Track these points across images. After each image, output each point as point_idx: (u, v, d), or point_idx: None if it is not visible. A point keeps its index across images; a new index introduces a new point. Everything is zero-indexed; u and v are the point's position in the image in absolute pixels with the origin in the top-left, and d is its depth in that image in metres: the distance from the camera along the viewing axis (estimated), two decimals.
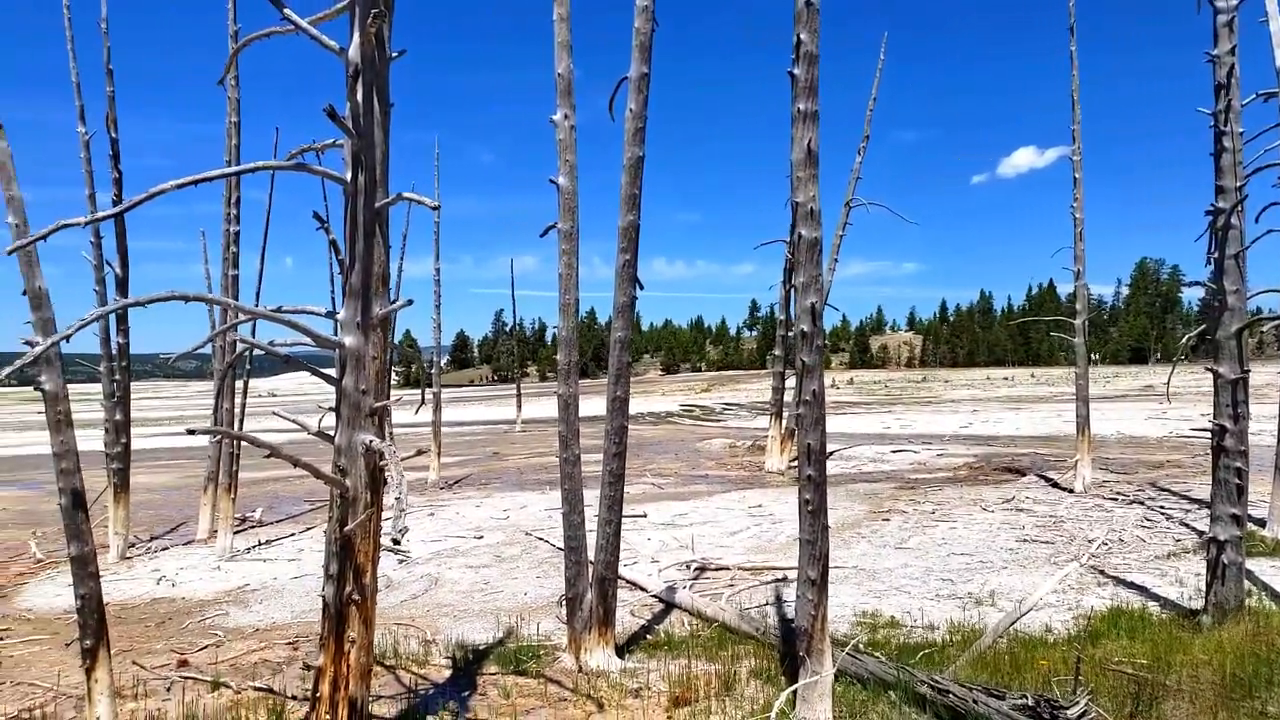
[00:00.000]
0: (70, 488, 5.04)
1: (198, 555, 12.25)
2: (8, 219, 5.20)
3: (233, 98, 12.66)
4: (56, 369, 5.12)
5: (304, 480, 20.66)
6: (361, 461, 5.01)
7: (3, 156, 5.20)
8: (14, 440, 41.91)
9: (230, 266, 12.67)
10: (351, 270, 5.03)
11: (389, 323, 5.30)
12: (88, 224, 4.67)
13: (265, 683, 6.84)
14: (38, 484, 22.63)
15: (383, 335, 5.17)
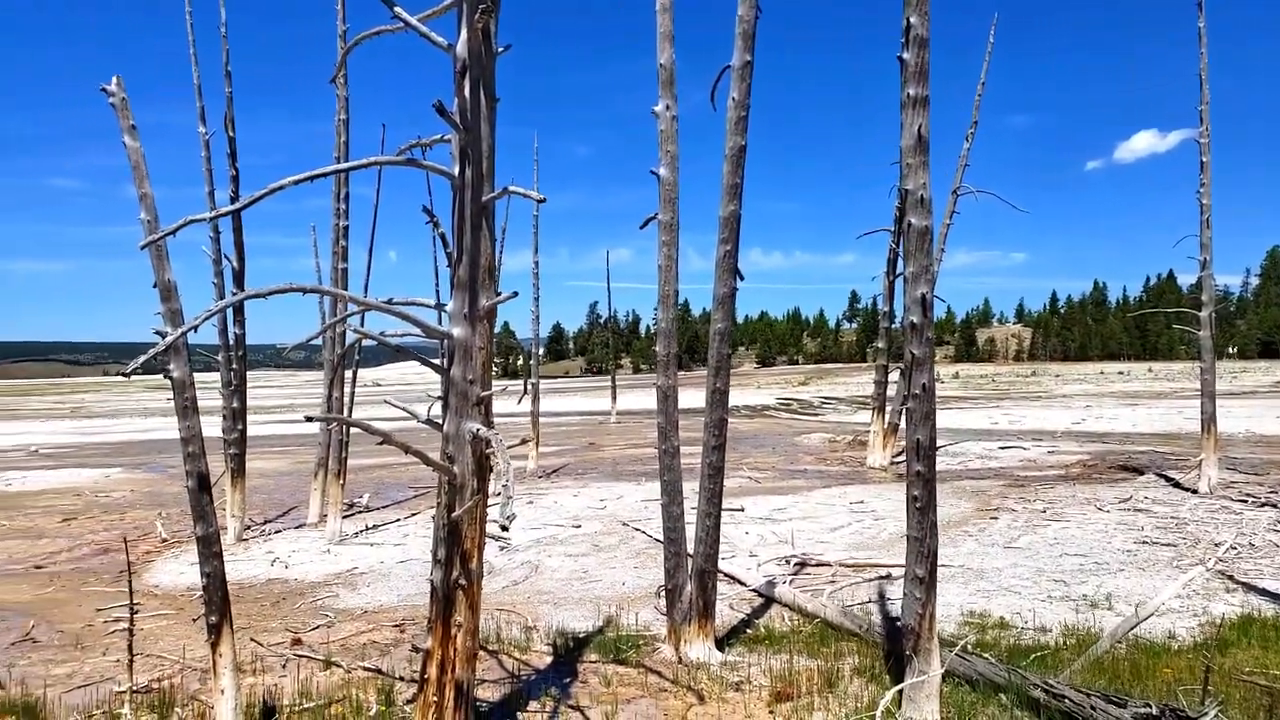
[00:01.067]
0: (196, 471, 5.28)
1: (309, 539, 12.72)
2: (140, 215, 5.47)
3: (341, 95, 13.06)
4: (184, 358, 5.36)
5: (408, 467, 21.25)
6: (469, 449, 5.11)
7: (135, 157, 5.47)
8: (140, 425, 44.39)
9: (340, 260, 13.10)
10: (459, 263, 5.12)
11: (494, 314, 5.38)
12: (213, 219, 4.89)
13: (374, 663, 7.06)
14: (161, 467, 23.92)
15: (489, 327, 5.25)
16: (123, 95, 5.46)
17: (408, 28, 5.16)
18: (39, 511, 16.16)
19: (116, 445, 32.14)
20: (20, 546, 12.79)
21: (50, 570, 11.17)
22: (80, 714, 6.10)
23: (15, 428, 43.62)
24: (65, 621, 8.74)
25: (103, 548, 12.54)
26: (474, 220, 5.05)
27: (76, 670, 7.23)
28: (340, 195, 13.13)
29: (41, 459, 27.24)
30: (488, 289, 5.19)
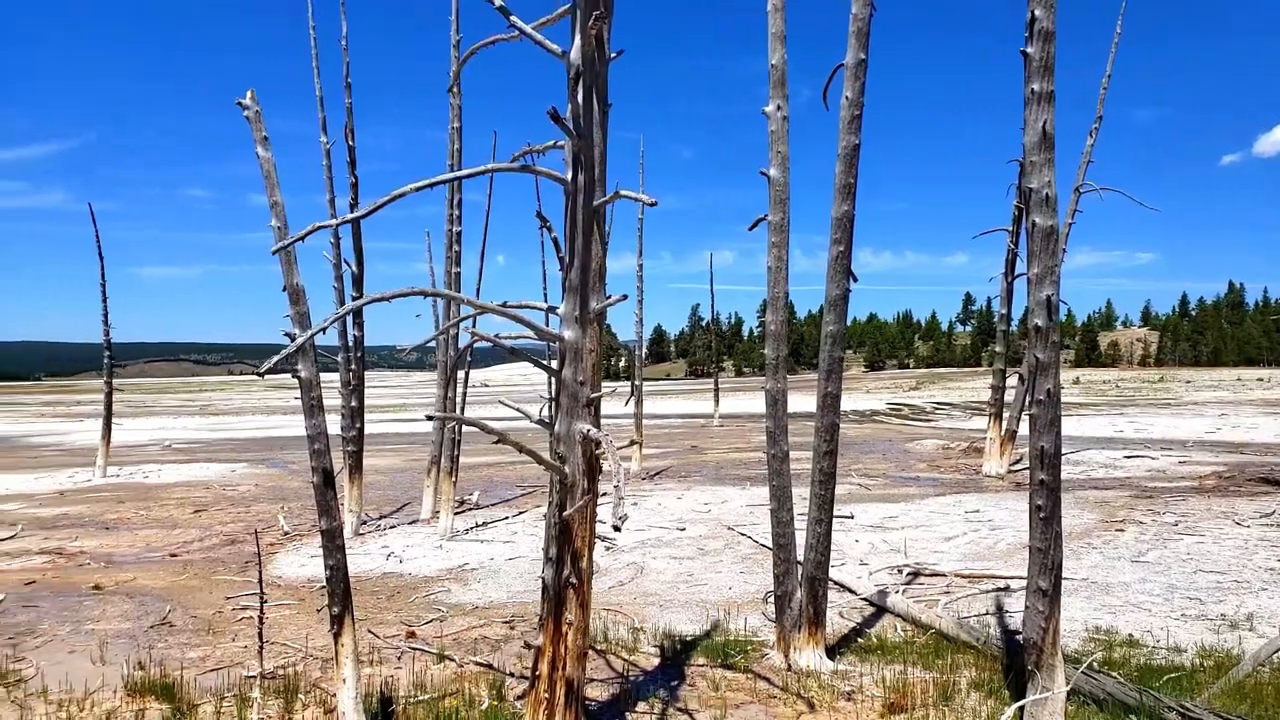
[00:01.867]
0: (321, 467, 5.49)
1: (421, 534, 13.09)
2: (271, 222, 5.73)
3: (455, 104, 13.42)
4: (311, 358, 5.59)
5: (515, 466, 21.66)
6: (579, 449, 5.17)
7: (267, 167, 5.74)
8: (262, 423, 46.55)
9: (453, 264, 13.45)
10: (571, 267, 5.19)
11: (604, 317, 5.44)
12: (339, 225, 5.09)
13: (485, 658, 7.21)
14: (282, 463, 25.00)
15: (599, 329, 5.30)
16: (256, 108, 5.73)
17: (523, 36, 5.27)
18: (173, 503, 17.13)
19: (241, 442, 33.78)
20: (157, 536, 13.57)
21: (184, 559, 11.81)
22: (213, 696, 6.42)
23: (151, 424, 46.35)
24: (198, 608, 9.22)
25: (230, 539, 13.19)
26: (586, 225, 5.11)
27: (209, 654, 7.61)
28: (454, 201, 13.48)
29: (174, 454, 28.86)
30: (598, 292, 5.25)
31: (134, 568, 11.28)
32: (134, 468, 23.83)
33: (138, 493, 18.85)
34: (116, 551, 12.38)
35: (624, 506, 4.43)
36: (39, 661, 7.43)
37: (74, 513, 16.02)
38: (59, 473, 23.11)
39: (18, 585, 10.30)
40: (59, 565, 11.52)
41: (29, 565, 11.50)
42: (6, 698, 6.52)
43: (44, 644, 7.99)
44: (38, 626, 8.55)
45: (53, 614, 9.01)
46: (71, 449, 31.74)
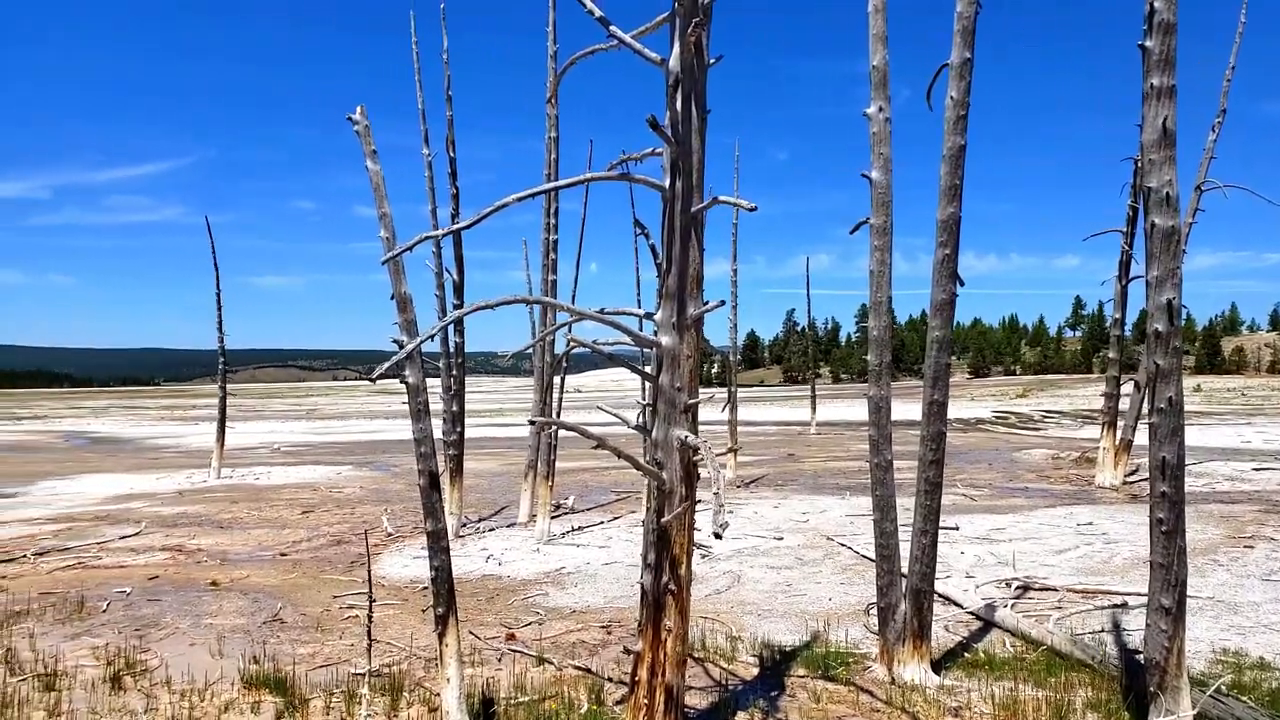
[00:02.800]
0: (428, 470, 5.61)
1: (519, 537, 13.27)
2: (380, 233, 5.90)
3: (552, 114, 13.60)
4: (418, 364, 5.73)
5: (609, 471, 21.78)
6: (677, 456, 5.16)
7: (376, 179, 5.91)
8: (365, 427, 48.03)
9: (549, 272, 13.63)
10: (668, 273, 5.19)
11: (702, 323, 5.42)
12: (445, 234, 5.20)
13: (584, 662, 7.26)
14: (385, 466, 25.73)
15: (696, 335, 5.29)
16: (365, 123, 5.91)
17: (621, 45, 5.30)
18: (283, 504, 17.80)
19: (345, 445, 34.91)
20: (268, 535, 14.11)
21: (293, 558, 12.25)
22: (323, 691, 6.62)
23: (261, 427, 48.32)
24: (307, 606, 9.54)
25: (336, 539, 13.62)
26: (684, 231, 5.11)
27: (318, 651, 7.86)
28: (550, 211, 13.66)
29: (283, 456, 30.02)
30: (695, 298, 5.24)
31: (247, 565, 11.75)
32: (246, 469, 24.87)
33: (249, 493, 19.67)
34: (231, 550, 12.92)
35: (725, 514, 4.40)
36: (163, 653, 7.80)
37: (192, 512, 16.80)
38: (178, 473, 24.29)
39: (143, 580, 10.85)
40: (179, 562, 12.09)
41: (152, 561, 12.10)
42: (134, 687, 6.87)
43: (167, 636, 8.39)
44: (161, 619, 8.98)
45: (174, 608, 9.45)
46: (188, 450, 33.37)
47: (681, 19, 5.01)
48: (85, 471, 25.71)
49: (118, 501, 18.63)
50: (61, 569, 11.62)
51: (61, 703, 6.47)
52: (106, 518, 16.21)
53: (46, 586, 10.49)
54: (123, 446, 37.16)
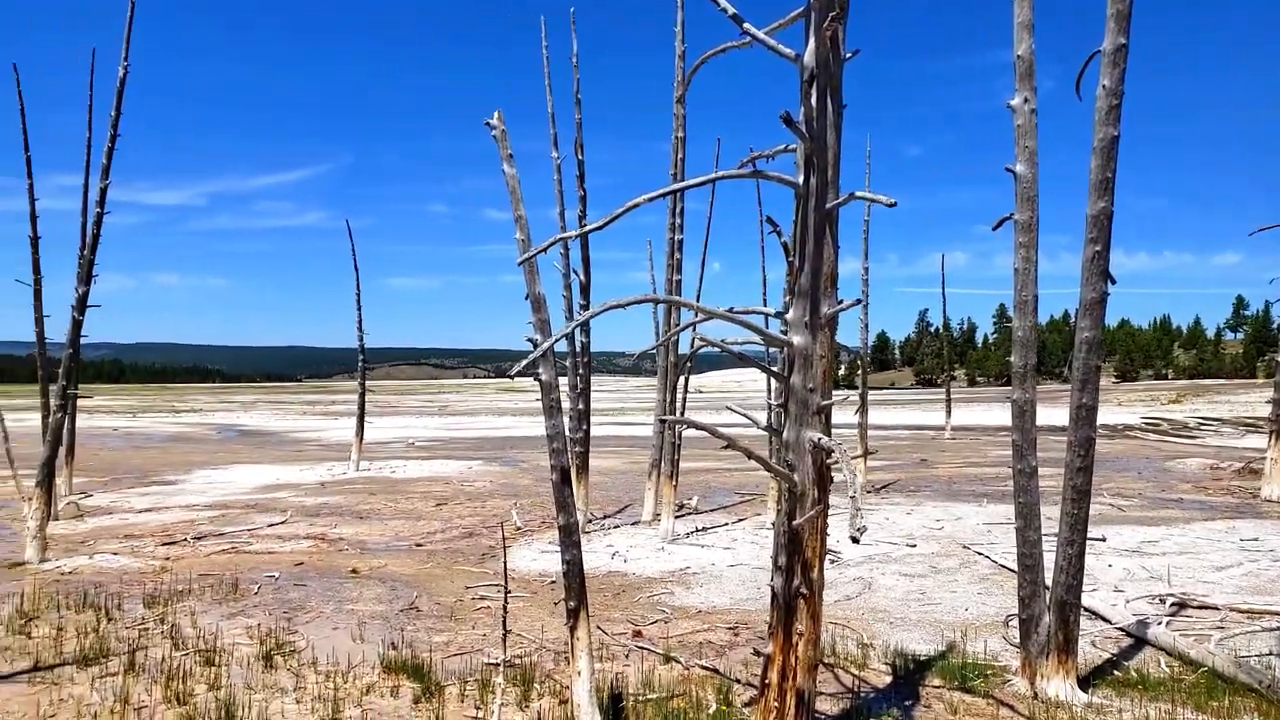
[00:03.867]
0: (560, 465, 5.71)
1: (643, 535, 13.36)
2: (516, 235, 6.04)
3: (679, 114, 13.62)
4: (550, 362, 5.83)
5: (732, 473, 21.67)
6: (809, 458, 5.08)
7: (513, 183, 6.05)
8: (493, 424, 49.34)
9: (674, 272, 13.66)
10: (800, 271, 5.12)
11: (835, 323, 5.32)
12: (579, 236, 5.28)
13: (711, 663, 7.24)
14: (513, 461, 26.35)
15: (830, 335, 5.19)
16: (502, 128, 6.05)
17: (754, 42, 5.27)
18: (418, 496, 18.47)
19: (475, 441, 35.95)
20: (405, 526, 14.67)
21: (428, 548, 12.68)
22: (458, 679, 6.83)
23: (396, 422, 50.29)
24: (441, 595, 9.85)
25: (468, 531, 14.04)
26: (818, 228, 5.03)
27: (452, 639, 8.11)
28: (675, 210, 13.68)
29: (417, 451, 31.15)
30: (829, 297, 5.14)
31: (385, 555, 12.24)
32: (382, 463, 25.93)
33: (386, 486, 20.50)
34: (369, 539, 13.49)
35: (862, 518, 4.30)
36: (309, 635, 8.21)
37: (332, 502, 17.64)
38: (319, 465, 25.54)
39: (289, 566, 11.44)
40: (322, 549, 12.70)
41: (298, 549, 12.75)
42: (284, 665, 7.25)
43: (312, 620, 8.82)
44: (306, 603, 9.46)
45: (318, 593, 9.93)
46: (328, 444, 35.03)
47: (817, 13, 4.94)
48: (236, 462, 27.36)
49: (265, 491, 19.74)
50: (217, 553, 12.39)
51: (220, 677, 6.89)
52: (256, 506, 17.20)
53: (204, 569, 11.20)
54: (269, 439, 39.35)
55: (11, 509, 15.68)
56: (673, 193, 5.21)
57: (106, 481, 21.51)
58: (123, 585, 10.13)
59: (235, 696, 6.35)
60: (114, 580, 10.44)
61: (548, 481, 20.94)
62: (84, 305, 12.78)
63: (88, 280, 12.80)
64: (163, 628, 8.33)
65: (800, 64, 5.09)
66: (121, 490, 19.90)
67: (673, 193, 5.21)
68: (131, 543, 13.11)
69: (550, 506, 16.27)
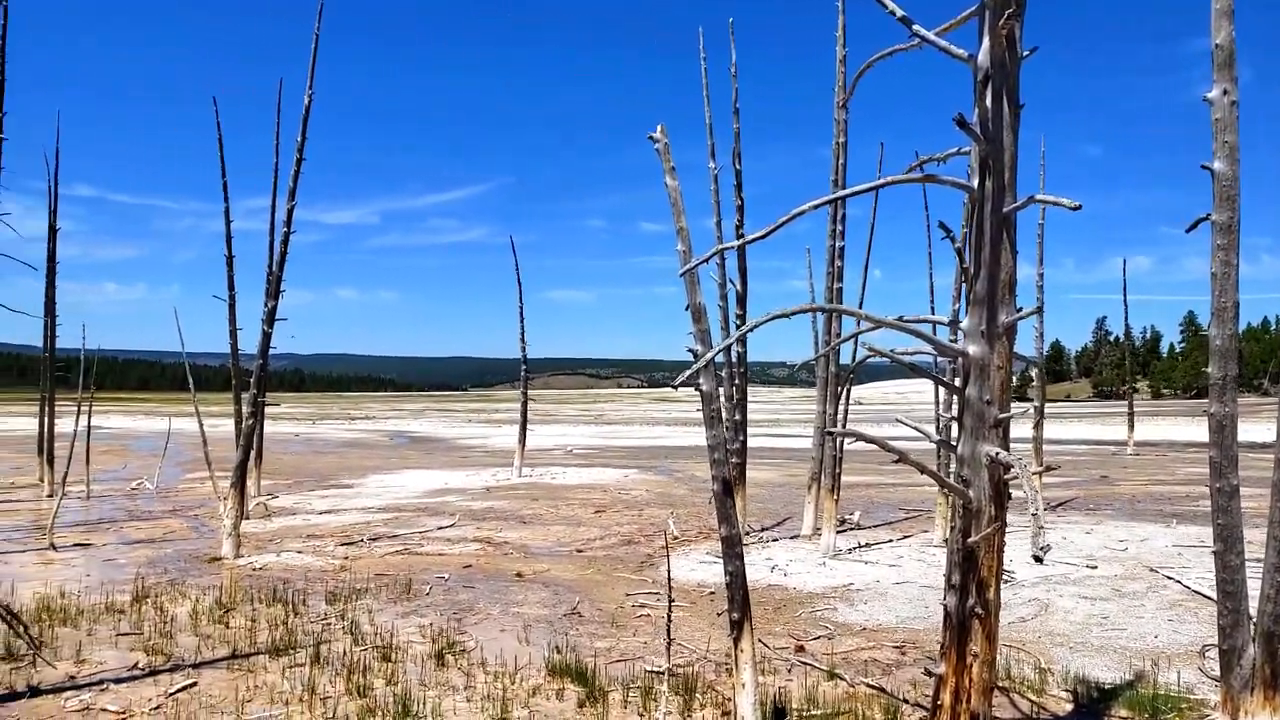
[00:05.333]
0: (721, 476, 5.70)
1: (803, 550, 13.15)
2: (677, 246, 6.08)
3: (840, 120, 13.39)
4: (711, 372, 5.84)
5: (896, 488, 21.05)
6: (985, 474, 4.88)
7: (675, 195, 6.10)
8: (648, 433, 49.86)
9: (834, 280, 13.41)
10: (976, 278, 4.95)
11: (1014, 332, 5.10)
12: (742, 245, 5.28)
13: (877, 681, 7.04)
14: (668, 470, 26.54)
15: (1008, 344, 4.98)
16: (665, 141, 6.12)
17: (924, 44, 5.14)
18: (577, 503, 18.88)
19: (630, 450, 36.44)
20: (565, 532, 15.02)
21: (588, 555, 12.93)
22: (620, 685, 6.91)
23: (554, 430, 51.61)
24: (602, 601, 10.02)
25: (627, 539, 14.22)
26: (994, 233, 4.85)
27: (614, 646, 8.23)
28: (836, 217, 13.43)
29: (575, 458, 31.86)
30: (1007, 304, 4.95)
31: (547, 560, 12.56)
32: (543, 469, 26.66)
33: (547, 492, 21.07)
34: (532, 544, 13.89)
35: (1044, 536, 4.09)
36: (477, 635, 8.53)
37: (497, 507, 18.27)
38: (484, 471, 26.52)
39: (458, 568, 11.92)
40: (488, 553, 13.17)
41: (465, 551, 13.27)
42: (454, 664, 7.55)
43: (480, 621, 9.15)
44: (475, 605, 9.82)
45: (486, 595, 10.30)
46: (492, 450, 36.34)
47: (992, 11, 4.77)
48: (406, 467, 28.79)
49: (434, 495, 20.67)
50: (391, 554, 13.06)
51: (396, 673, 7.25)
52: (426, 509, 18.03)
53: (380, 568, 11.82)
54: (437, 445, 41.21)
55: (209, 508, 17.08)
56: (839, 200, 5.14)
57: (290, 484, 23.08)
58: (307, 582, 10.82)
59: (410, 692, 6.65)
60: (299, 577, 11.16)
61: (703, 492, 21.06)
62: (273, 319, 13.79)
63: (276, 295, 13.80)
64: (343, 623, 8.84)
65: (974, 64, 4.94)
66: (303, 492, 21.30)
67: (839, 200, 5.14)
68: (313, 542, 13.99)
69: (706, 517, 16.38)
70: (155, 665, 7.46)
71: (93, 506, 18.42)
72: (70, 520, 15.91)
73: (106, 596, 9.83)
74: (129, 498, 20.12)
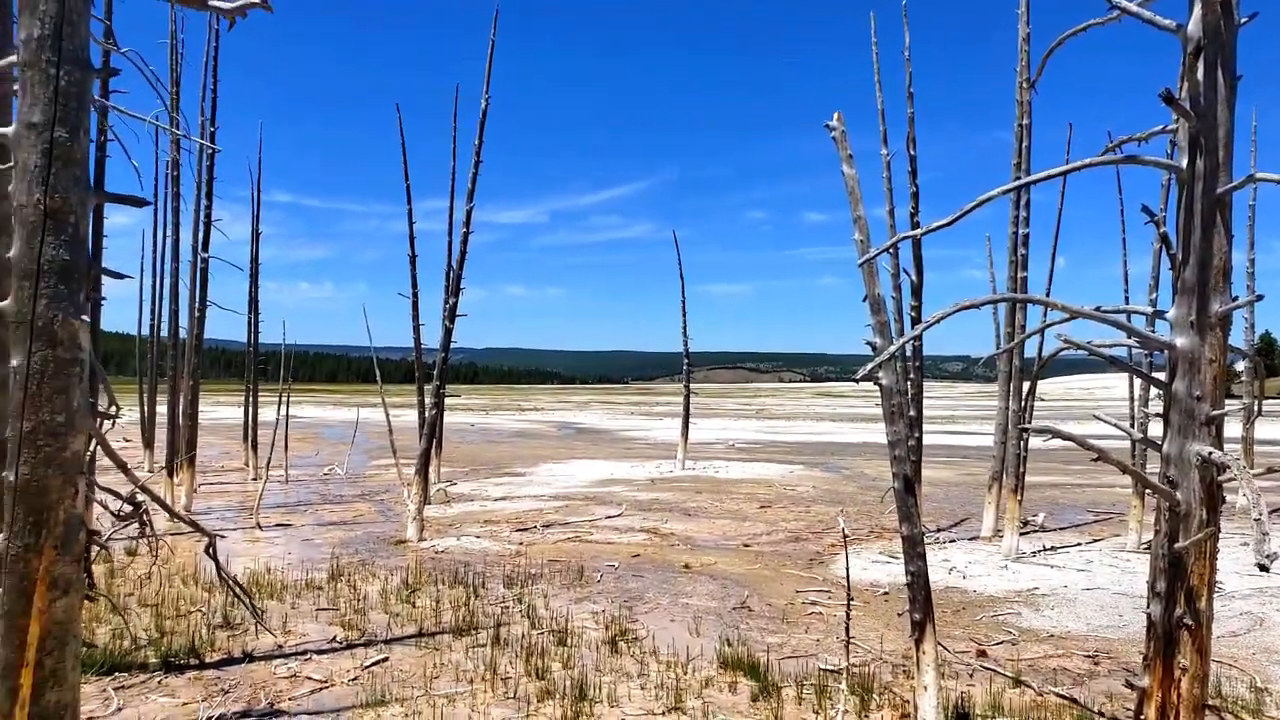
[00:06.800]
0: (902, 473, 5.55)
1: (982, 552, 12.61)
2: (855, 236, 5.96)
3: (1022, 101, 12.73)
4: (892, 366, 5.69)
5: (1084, 489, 19.86)
6: (1195, 474, 4.54)
7: (852, 183, 5.98)
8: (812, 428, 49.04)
9: (1018, 269, 12.76)
10: (1185, 264, 4.62)
11: (1229, 322, 4.71)
12: (923, 234, 5.09)
13: (1067, 691, 6.68)
14: (836, 468, 26.03)
15: (1221, 336, 4.61)
16: (842, 129, 6.00)
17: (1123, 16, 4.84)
18: (741, 497, 18.83)
19: (794, 445, 35.96)
20: (730, 526, 15.00)
21: (755, 549, 12.86)
22: (793, 681, 6.85)
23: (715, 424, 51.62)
24: (771, 597, 9.95)
25: (794, 536, 14.06)
26: (1206, 216, 4.51)
27: (785, 642, 8.15)
28: (1020, 203, 12.78)
29: (737, 453, 31.75)
30: (1221, 293, 4.59)
31: (713, 552, 12.59)
32: (705, 463, 26.73)
33: (710, 485, 21.11)
34: (697, 536, 13.95)
35: (1270, 543, 3.75)
36: (648, 625, 8.65)
37: (662, 498, 18.47)
38: (647, 463, 26.85)
39: (627, 557, 12.13)
40: (655, 543, 13.33)
41: (633, 541, 13.49)
42: (627, 652, 7.69)
43: (650, 611, 9.28)
44: (644, 594, 9.96)
45: (654, 585, 10.43)
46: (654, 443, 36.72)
47: None
48: (574, 457, 29.54)
49: (601, 485, 21.11)
50: (563, 541, 13.43)
51: (572, 657, 7.45)
52: (593, 499, 18.44)
53: (552, 555, 12.19)
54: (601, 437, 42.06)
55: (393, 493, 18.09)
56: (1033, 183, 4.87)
57: (466, 471, 24.13)
58: (485, 566, 11.29)
59: (586, 677, 6.83)
60: (478, 560, 11.66)
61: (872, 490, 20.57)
62: (454, 314, 14.45)
63: (456, 292, 14.45)
64: (520, 607, 9.17)
65: (1182, 34, 4.60)
66: (479, 480, 22.23)
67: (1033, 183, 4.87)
68: (490, 528, 14.58)
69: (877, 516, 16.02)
70: (351, 639, 7.99)
71: (290, 490, 19.88)
72: (271, 502, 17.23)
73: (306, 574, 10.60)
74: (322, 482, 21.59)
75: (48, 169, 3.97)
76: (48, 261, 3.96)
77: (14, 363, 3.96)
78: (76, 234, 4.10)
